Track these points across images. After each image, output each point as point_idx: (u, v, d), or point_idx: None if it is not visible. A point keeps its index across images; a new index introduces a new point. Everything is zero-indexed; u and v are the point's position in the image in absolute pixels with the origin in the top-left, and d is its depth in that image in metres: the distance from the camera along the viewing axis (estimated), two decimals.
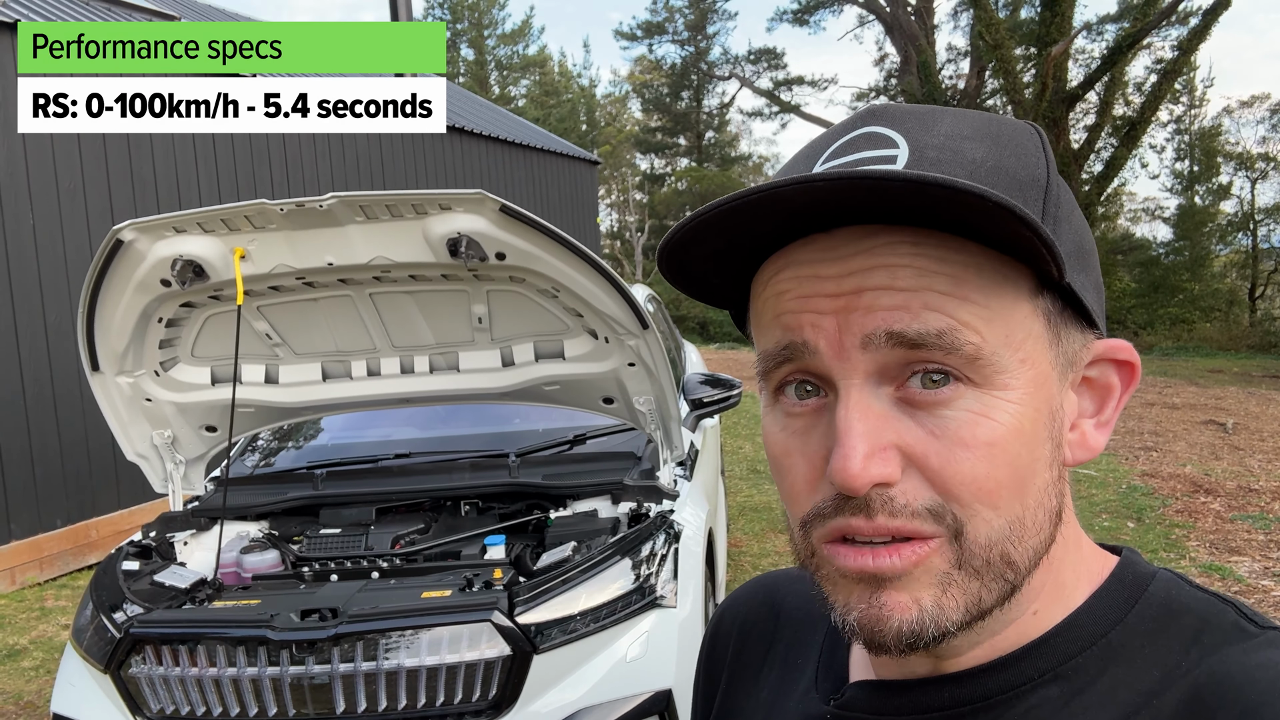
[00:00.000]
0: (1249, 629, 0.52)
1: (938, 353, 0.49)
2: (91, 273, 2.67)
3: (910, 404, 0.50)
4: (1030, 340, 0.51)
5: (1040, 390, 0.51)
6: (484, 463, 3.27)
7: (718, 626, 0.82)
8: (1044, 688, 0.53)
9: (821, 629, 0.71)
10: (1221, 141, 26.64)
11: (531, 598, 2.49)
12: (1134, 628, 0.54)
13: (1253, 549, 5.27)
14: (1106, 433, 0.57)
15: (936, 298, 0.49)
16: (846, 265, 0.50)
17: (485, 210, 2.52)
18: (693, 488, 3.30)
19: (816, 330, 0.51)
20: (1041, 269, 0.49)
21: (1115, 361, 0.57)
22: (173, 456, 3.22)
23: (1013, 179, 0.51)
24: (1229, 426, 9.09)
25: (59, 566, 6.15)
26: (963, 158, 0.51)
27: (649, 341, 2.81)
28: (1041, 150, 0.54)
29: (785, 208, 0.49)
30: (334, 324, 2.98)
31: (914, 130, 0.53)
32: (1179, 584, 0.56)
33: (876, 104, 0.58)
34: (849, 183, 0.46)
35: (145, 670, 2.52)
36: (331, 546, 3.03)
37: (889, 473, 0.49)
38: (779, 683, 0.71)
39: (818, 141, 0.57)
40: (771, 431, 0.56)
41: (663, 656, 2.58)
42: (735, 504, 6.68)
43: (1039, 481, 0.52)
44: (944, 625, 0.51)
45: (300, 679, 2.41)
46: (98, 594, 2.76)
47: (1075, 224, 0.55)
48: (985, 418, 0.49)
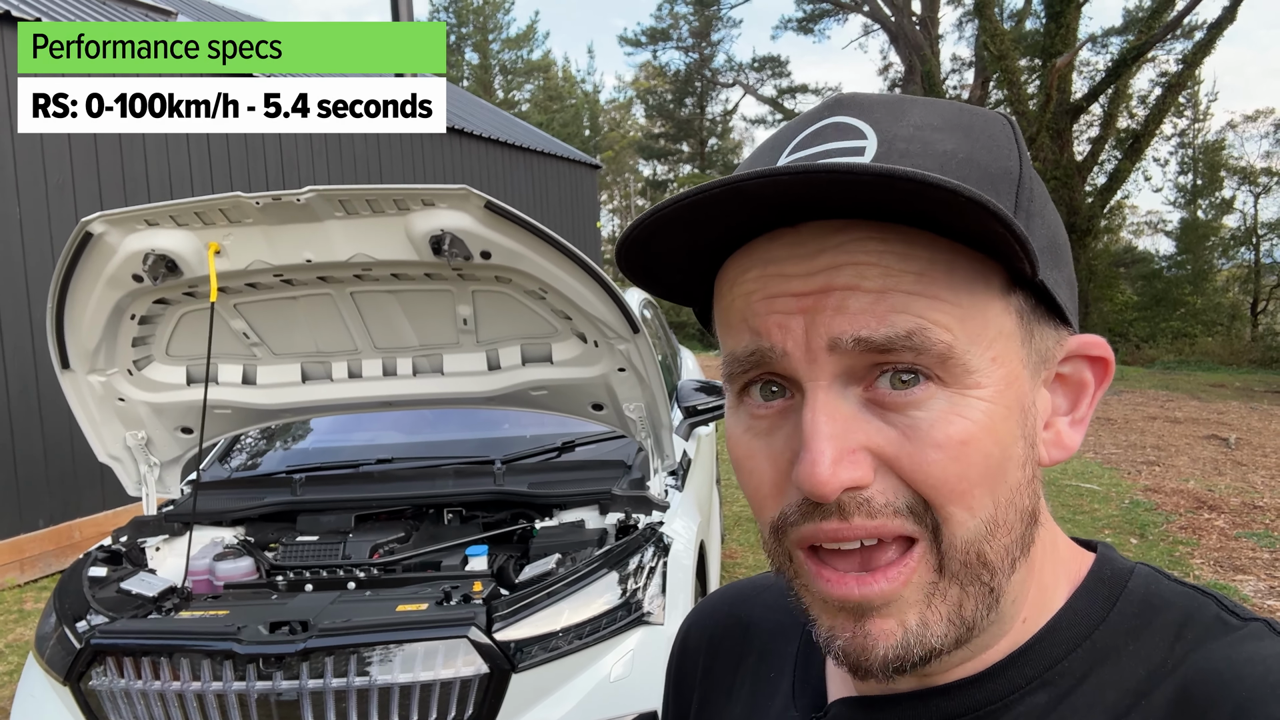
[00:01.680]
0: (1231, 622, 0.51)
1: (907, 354, 0.47)
2: (60, 266, 2.56)
3: (880, 405, 0.49)
4: (1002, 338, 0.50)
5: (1012, 388, 0.50)
6: (468, 469, 3.16)
7: (684, 642, 0.80)
8: (1032, 695, 0.52)
9: (793, 639, 0.68)
10: (1225, 156, 26.61)
11: (511, 613, 2.37)
12: (1116, 626, 0.53)
13: (1258, 567, 5.16)
14: (1081, 430, 0.55)
15: (904, 298, 0.47)
16: (813, 263, 0.48)
17: (470, 207, 2.41)
18: (684, 498, 3.19)
19: (784, 332, 0.49)
20: (1014, 266, 0.48)
21: (1089, 358, 0.55)
22: (147, 458, 3.12)
23: (984, 172, 0.50)
24: (1231, 442, 8.99)
25: (40, 568, 6.04)
26: (933, 149, 0.50)
27: (640, 346, 2.71)
28: (1014, 142, 0.53)
29: (749, 202, 0.47)
30: (314, 323, 2.87)
31: (883, 120, 0.51)
32: (1157, 578, 0.55)
33: (844, 93, 0.56)
34: (815, 176, 0.44)
35: (106, 683, 2.41)
36: (307, 554, 2.92)
37: (859, 476, 0.47)
38: (752, 697, 0.69)
39: (783, 132, 0.56)
40: (735, 433, 0.54)
41: (649, 676, 2.46)
42: (731, 513, 6.56)
43: (1011, 481, 0.50)
44: (929, 643, 0.49)
45: (267, 695, 2.30)
46: (61, 602, 2.64)
47: (1048, 219, 0.53)
48: (958, 416, 0.48)
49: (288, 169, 8.29)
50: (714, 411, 3.77)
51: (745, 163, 0.56)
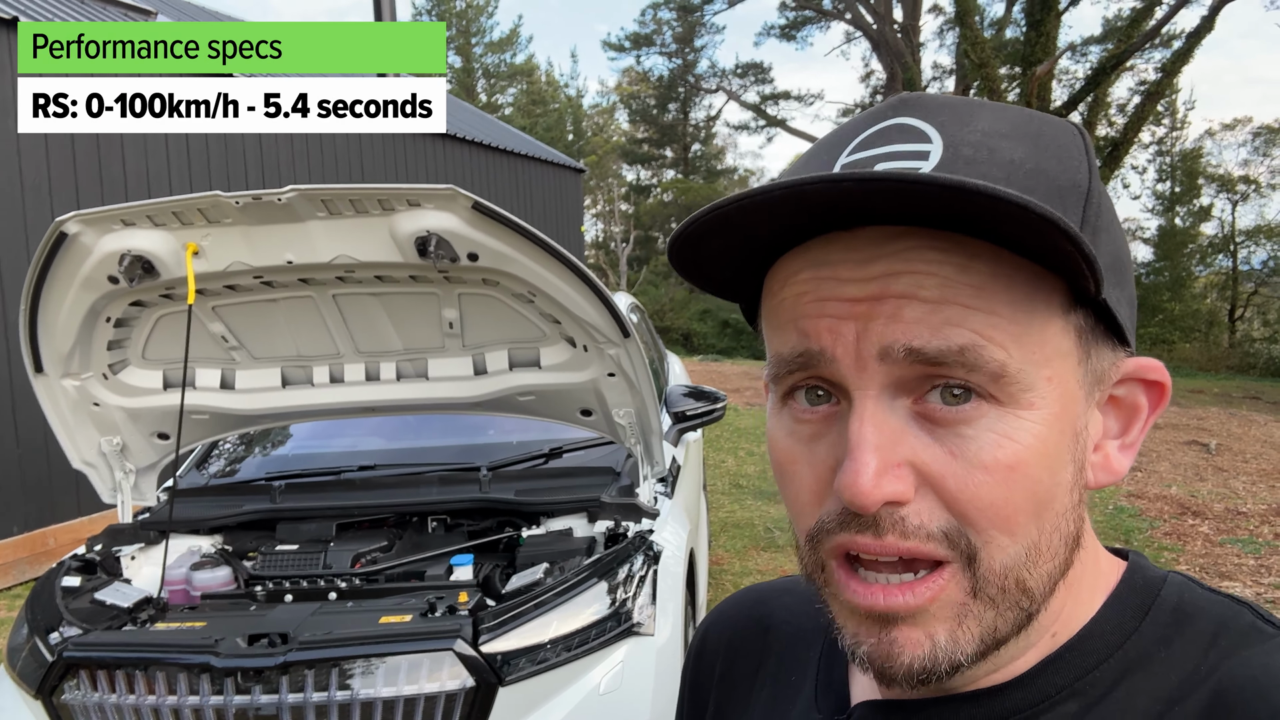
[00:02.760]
0: (1266, 630, 0.51)
1: (960, 369, 0.46)
2: (34, 267, 2.49)
3: (928, 419, 0.48)
4: (1059, 358, 0.48)
5: (1066, 410, 0.49)
6: (453, 476, 3.09)
7: (703, 644, 0.79)
8: (1061, 704, 0.51)
9: (816, 644, 0.68)
10: (1203, 164, 26.88)
11: (498, 624, 2.31)
12: (1149, 635, 0.52)
13: (1244, 574, 5.17)
14: (1131, 455, 0.54)
15: (961, 311, 0.46)
16: (869, 269, 0.47)
17: (457, 208, 2.36)
18: (674, 505, 3.14)
19: (835, 337, 0.48)
20: (1078, 283, 0.46)
21: (1144, 381, 0.54)
22: (122, 465, 3.03)
23: (1053, 184, 0.48)
24: (1212, 447, 9.07)
25: (14, 575, 5.92)
26: (1000, 158, 0.48)
27: (630, 351, 2.66)
28: (1084, 152, 0.51)
29: (808, 205, 0.46)
30: (295, 327, 2.80)
31: (949, 124, 0.50)
32: (1191, 587, 0.55)
33: (910, 93, 0.54)
34: (880, 185, 0.43)
35: (79, 696, 2.33)
36: (287, 564, 2.85)
37: (901, 490, 0.46)
38: (772, 700, 0.68)
39: (843, 130, 0.54)
40: (778, 437, 0.53)
41: (639, 688, 2.42)
42: (717, 520, 6.53)
43: (1057, 506, 0.49)
44: (957, 659, 0.49)
45: (246, 709, 2.22)
46: (33, 612, 2.56)
47: (1114, 234, 0.52)
48: (1007, 439, 0.47)
49: (268, 171, 8.19)
50: (703, 417, 3.73)
51: (802, 161, 0.54)
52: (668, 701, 2.48)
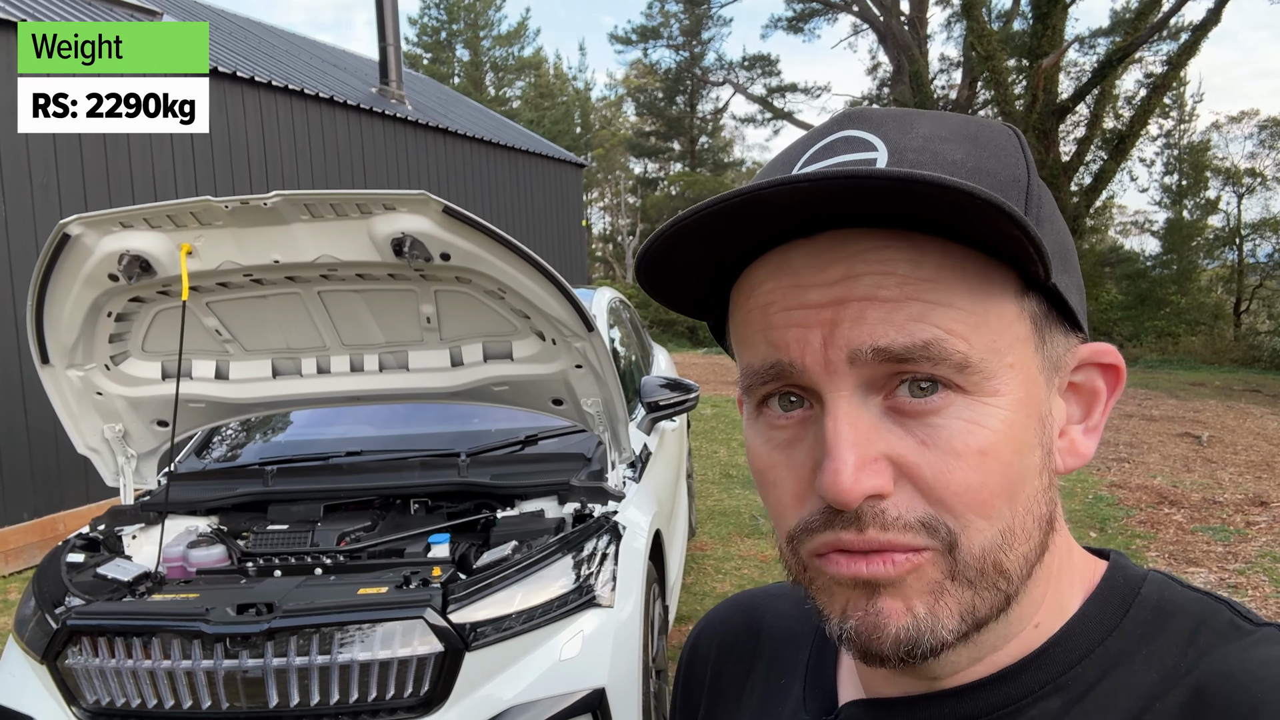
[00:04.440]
0: (1244, 626, 0.52)
1: (925, 363, 0.48)
2: (39, 266, 2.68)
3: (899, 413, 0.49)
4: (1018, 344, 0.50)
5: (1030, 396, 0.51)
6: (434, 462, 3.28)
7: (694, 648, 0.80)
8: (1044, 700, 0.52)
9: (805, 647, 0.69)
10: (1210, 156, 26.76)
11: (466, 595, 2.51)
12: (1130, 632, 0.53)
13: (1210, 560, 5.32)
14: (1095, 438, 0.56)
15: (921, 307, 0.48)
16: (829, 272, 0.49)
17: (429, 211, 2.54)
18: (642, 489, 3.32)
19: (803, 347, 0.50)
20: (1027, 269, 0.49)
21: (1100, 365, 0.56)
22: (124, 450, 3.24)
23: (994, 179, 0.51)
24: (1203, 439, 9.13)
25: (25, 560, 6.14)
26: (942, 159, 0.51)
27: (594, 344, 2.83)
28: (1021, 151, 0.54)
29: (768, 210, 0.48)
30: (284, 321, 3.00)
31: (892, 133, 0.52)
32: (1170, 585, 0.56)
33: (851, 108, 0.57)
34: (834, 182, 0.45)
35: (81, 661, 2.54)
36: (277, 542, 3.05)
37: (880, 484, 0.48)
38: (762, 702, 0.70)
39: (793, 147, 0.56)
40: (755, 445, 0.55)
41: (598, 656, 2.60)
42: (705, 507, 6.70)
43: (1029, 489, 0.51)
44: (940, 635, 0.50)
45: (234, 672, 2.43)
46: (40, 586, 2.77)
47: (1057, 224, 0.55)
48: (976, 425, 0.49)
49: (271, 171, 8.39)
50: (676, 407, 3.90)
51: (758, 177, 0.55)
52: (626, 670, 2.67)
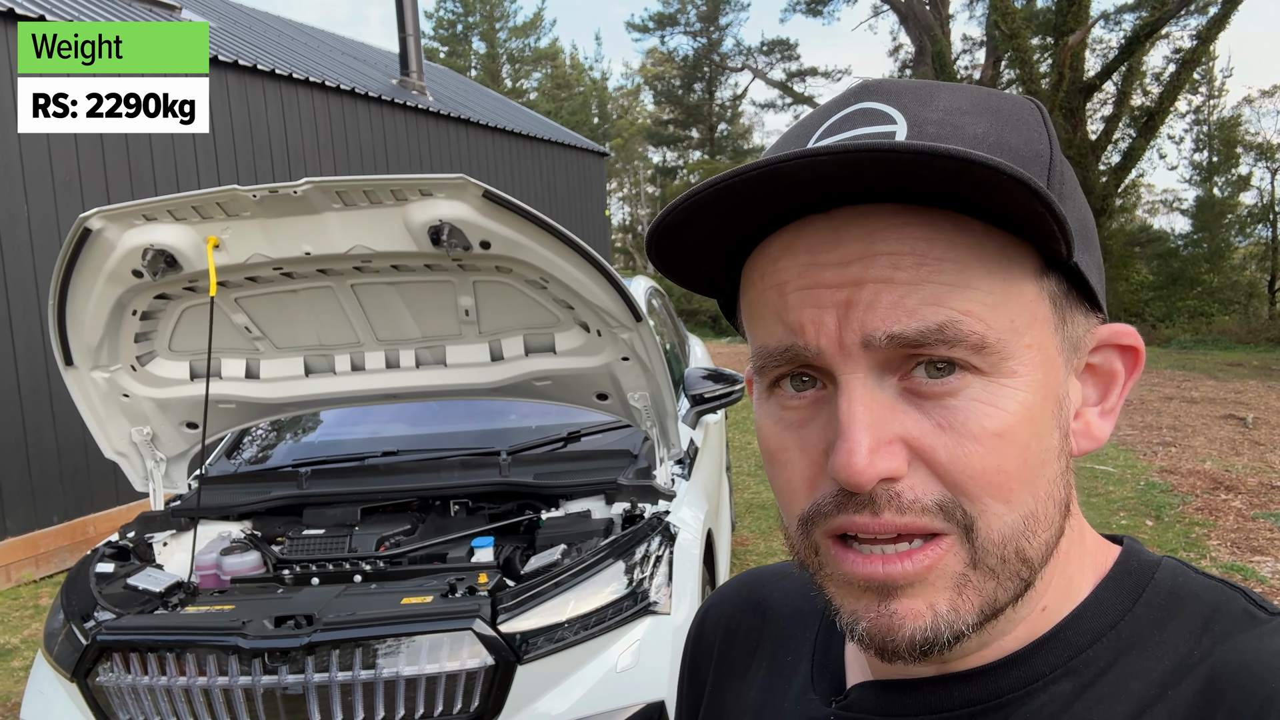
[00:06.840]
0: (1259, 615, 0.51)
1: (941, 346, 0.47)
2: (60, 263, 2.56)
3: (915, 394, 0.48)
4: (1037, 324, 0.49)
5: (1048, 377, 0.50)
6: (474, 461, 3.14)
7: (701, 627, 0.80)
8: (1056, 683, 0.52)
9: (812, 626, 0.68)
10: (1241, 132, 26.26)
11: (516, 604, 2.36)
12: (1142, 617, 0.53)
13: (1276, 548, 5.10)
14: (1111, 421, 0.55)
15: (936, 289, 0.46)
16: (846, 251, 0.48)
17: (468, 196, 2.39)
18: (691, 487, 3.16)
19: (818, 329, 0.48)
20: (1049, 247, 0.47)
21: (1119, 347, 0.55)
22: (153, 454, 3.11)
23: (1016, 154, 0.49)
24: (1249, 421, 8.90)
25: (55, 564, 6.08)
26: (963, 133, 0.49)
27: (643, 335, 2.68)
28: (1043, 125, 0.52)
29: (785, 185, 0.46)
30: (315, 316, 2.86)
31: (911, 105, 0.51)
32: (1185, 571, 0.55)
33: (870, 79, 0.54)
34: (854, 156, 0.43)
35: (113, 679, 2.41)
36: (314, 548, 2.91)
37: (895, 466, 0.47)
38: (769, 682, 0.69)
39: (809, 119, 0.54)
40: (766, 425, 0.54)
41: (656, 666, 2.45)
42: (742, 500, 6.55)
43: (1048, 473, 0.50)
44: (959, 629, 0.49)
45: (273, 689, 2.30)
46: (68, 599, 2.65)
47: (1078, 201, 0.53)
48: (993, 407, 0.47)
49: (294, 164, 8.28)
50: (721, 399, 3.74)
51: (770, 150, 0.54)
52: None
